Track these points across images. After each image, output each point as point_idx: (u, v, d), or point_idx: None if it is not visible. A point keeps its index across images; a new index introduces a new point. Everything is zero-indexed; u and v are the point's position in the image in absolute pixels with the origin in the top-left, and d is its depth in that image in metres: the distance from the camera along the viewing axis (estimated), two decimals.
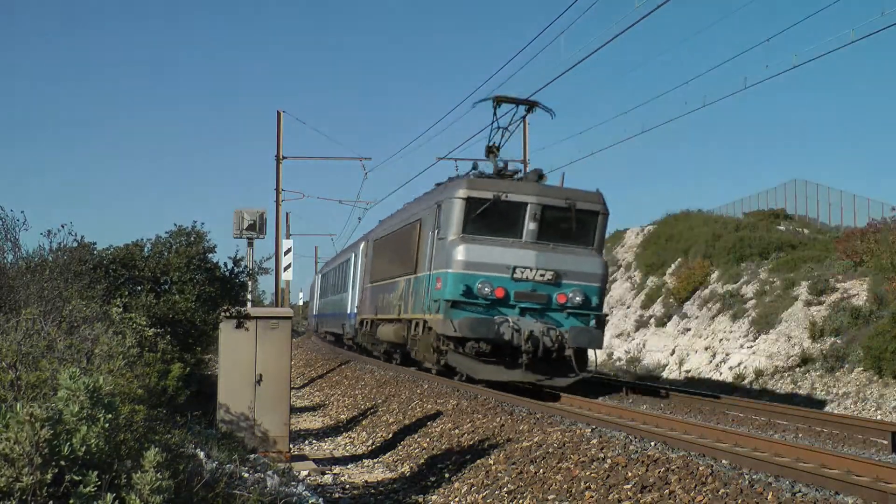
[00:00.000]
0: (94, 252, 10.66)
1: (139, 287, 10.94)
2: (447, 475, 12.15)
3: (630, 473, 9.87)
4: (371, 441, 16.54)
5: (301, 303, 73.70)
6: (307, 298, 66.25)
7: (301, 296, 74.75)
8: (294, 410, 19.97)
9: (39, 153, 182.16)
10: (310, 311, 58.29)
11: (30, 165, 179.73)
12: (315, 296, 50.69)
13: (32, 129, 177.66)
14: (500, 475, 11.25)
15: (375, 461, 14.61)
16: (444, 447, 13.83)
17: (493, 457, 12.09)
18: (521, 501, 10.30)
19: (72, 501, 4.36)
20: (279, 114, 36.56)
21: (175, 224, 11.69)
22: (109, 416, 4.76)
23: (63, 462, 4.39)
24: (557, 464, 10.92)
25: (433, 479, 12.22)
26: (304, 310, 68.76)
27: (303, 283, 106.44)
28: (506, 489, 10.73)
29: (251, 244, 37.29)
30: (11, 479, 4.23)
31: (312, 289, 54.46)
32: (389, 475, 13.31)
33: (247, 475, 7.81)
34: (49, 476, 4.30)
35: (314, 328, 51.59)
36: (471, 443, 13.36)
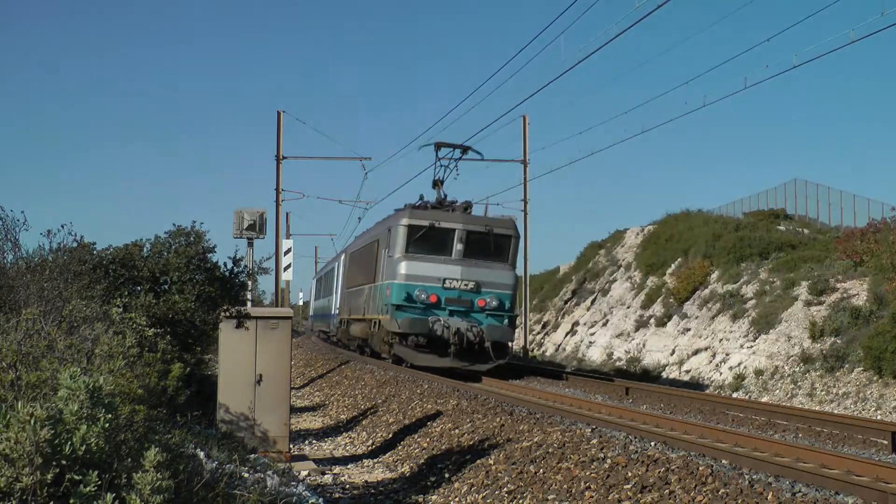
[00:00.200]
0: (94, 252, 10.66)
1: (139, 287, 10.95)
2: (447, 475, 12.15)
3: (630, 473, 9.87)
4: (371, 441, 16.54)
5: (301, 303, 73.76)
6: (307, 298, 66.48)
7: (301, 296, 74.82)
8: (294, 410, 19.97)
9: (39, 153, 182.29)
10: (309, 312, 61.56)
11: (30, 165, 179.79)
12: (311, 298, 55.79)
13: (32, 129, 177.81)
14: (500, 475, 11.25)
15: (375, 461, 14.61)
16: (444, 447, 13.84)
17: (493, 457, 12.09)
18: (521, 501, 10.30)
19: (72, 501, 4.36)
20: (279, 114, 36.60)
21: (174, 224, 11.73)
22: (109, 416, 4.76)
23: (63, 462, 4.39)
24: (557, 464, 10.92)
25: (433, 479, 12.23)
26: (304, 310, 68.87)
27: (303, 283, 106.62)
28: (506, 489, 10.73)
29: (251, 244, 37.33)
30: (12, 479, 4.23)
31: (311, 291, 59.85)
32: (389, 475, 13.31)
33: (247, 475, 7.81)
34: (49, 476, 4.30)
35: (310, 327, 56.24)
36: (471, 443, 13.36)
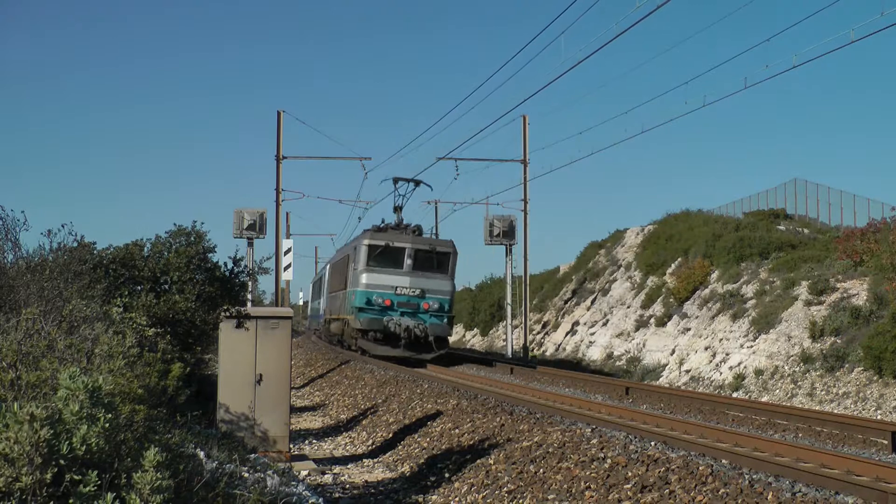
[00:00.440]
0: (94, 252, 10.65)
1: (139, 287, 10.94)
2: (447, 475, 12.14)
3: (630, 473, 9.87)
4: (371, 441, 16.54)
5: (301, 303, 73.81)
6: (307, 298, 66.71)
7: (301, 296, 74.88)
8: (294, 410, 19.97)
9: (39, 153, 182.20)
10: (308, 312, 63.76)
11: (30, 165, 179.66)
12: (310, 299, 61.15)
13: (32, 129, 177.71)
14: (500, 475, 11.25)
15: (375, 461, 14.61)
16: (444, 447, 13.83)
17: (493, 457, 12.08)
18: (521, 501, 10.30)
19: (72, 501, 4.36)
20: (279, 114, 36.59)
21: (175, 224, 11.70)
22: (109, 416, 4.76)
23: (63, 462, 4.39)
24: (557, 464, 10.91)
25: (433, 479, 12.22)
26: (304, 310, 68.98)
27: (303, 283, 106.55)
28: (506, 489, 10.72)
29: (251, 244, 37.39)
30: (11, 479, 4.23)
31: (310, 293, 64.09)
32: (389, 475, 13.31)
33: (247, 475, 7.81)
34: (49, 476, 4.30)
35: (308, 326, 60.65)
36: (471, 443, 13.36)
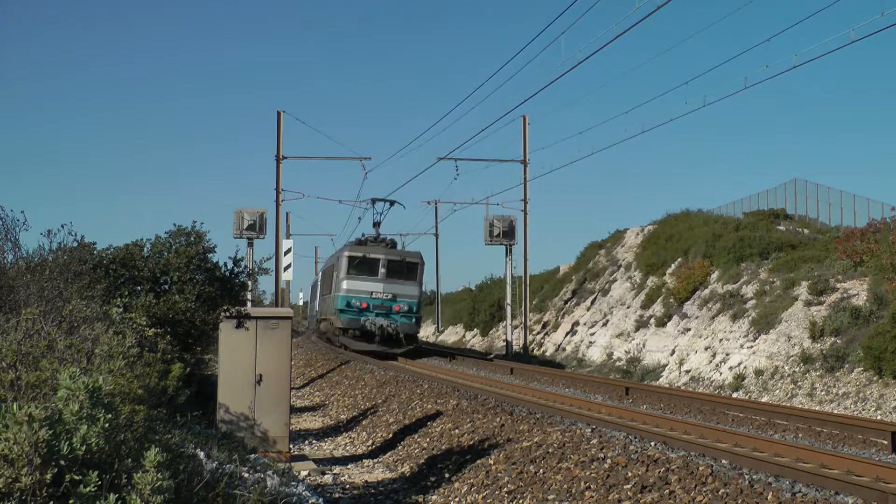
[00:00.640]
0: (94, 252, 10.65)
1: (139, 287, 10.94)
2: (447, 475, 12.14)
3: (630, 473, 9.87)
4: (371, 441, 16.54)
5: (301, 303, 73.81)
6: (307, 299, 66.81)
7: (301, 296, 74.87)
8: (294, 410, 19.96)
9: (39, 153, 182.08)
10: (308, 313, 64.85)
11: (30, 165, 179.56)
12: (309, 300, 64.40)
13: (32, 129, 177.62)
14: (500, 475, 11.25)
15: (375, 461, 14.61)
16: (444, 447, 13.83)
17: (493, 457, 12.08)
18: (521, 501, 10.30)
19: (72, 501, 4.35)
20: (279, 114, 36.59)
21: (175, 224, 11.73)
22: (109, 416, 4.76)
23: (63, 462, 4.38)
24: (557, 464, 10.91)
25: (433, 479, 12.22)
26: (304, 310, 69.01)
27: (303, 283, 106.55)
28: (506, 489, 10.72)
29: (251, 244, 37.41)
30: (10, 480, 4.23)
31: (310, 295, 66.22)
32: (389, 475, 13.31)
33: (247, 475, 7.81)
34: (48, 476, 4.30)
35: (308, 326, 62.66)
36: (471, 443, 13.36)
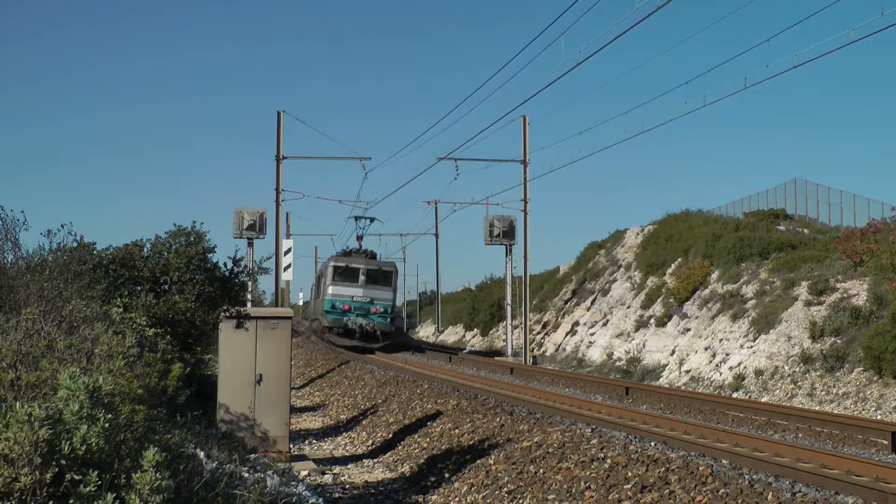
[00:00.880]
0: (94, 252, 10.65)
1: (139, 287, 10.93)
2: (447, 475, 12.14)
3: (630, 473, 9.87)
4: (371, 441, 16.54)
5: (301, 303, 73.77)
6: (307, 299, 66.80)
7: (301, 296, 74.84)
8: (294, 410, 19.96)
9: (39, 153, 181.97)
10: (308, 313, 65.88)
11: (30, 165, 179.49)
12: (309, 300, 67.69)
13: (32, 129, 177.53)
14: (500, 475, 11.25)
15: (375, 461, 14.61)
16: (444, 447, 13.83)
17: (493, 457, 12.08)
18: (521, 501, 10.30)
19: (72, 501, 4.35)
20: (279, 114, 36.55)
21: (175, 224, 11.73)
22: (109, 416, 4.76)
23: (63, 462, 4.38)
24: (557, 464, 10.91)
25: (433, 479, 12.22)
26: (304, 310, 68.99)
27: (303, 284, 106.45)
28: (506, 489, 10.72)
29: (251, 244, 37.40)
30: (10, 480, 4.23)
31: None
32: (389, 475, 13.31)
33: (247, 475, 7.81)
34: (48, 476, 4.30)
35: (307, 326, 63.95)
36: (471, 443, 13.36)
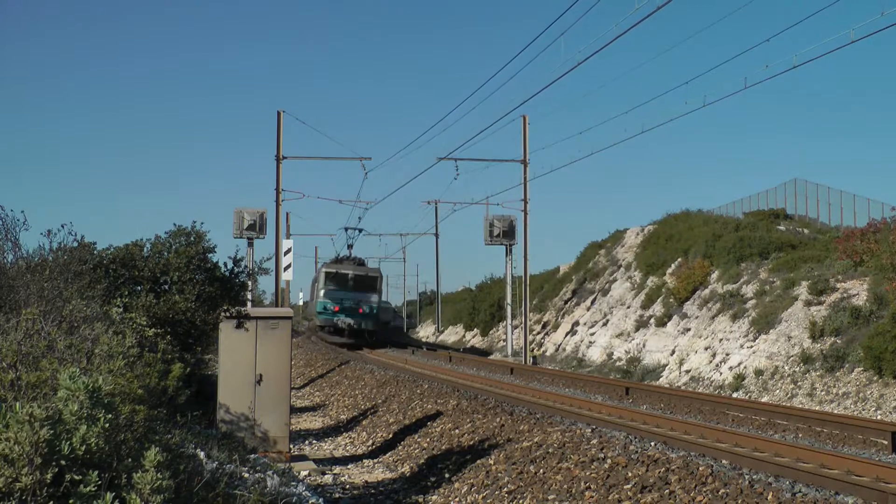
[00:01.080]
0: (94, 252, 10.65)
1: (139, 287, 10.93)
2: (447, 475, 12.14)
3: (630, 473, 9.87)
4: (371, 441, 16.54)
5: (301, 303, 73.76)
6: (307, 299, 66.78)
7: (301, 296, 74.80)
8: (294, 410, 19.96)
9: (39, 152, 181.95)
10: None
11: (30, 165, 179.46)
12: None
13: (32, 128, 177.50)
14: (500, 475, 11.25)
15: (375, 461, 14.61)
16: (444, 447, 13.84)
17: (493, 457, 12.08)
18: (522, 501, 10.30)
19: (72, 501, 4.35)
20: (279, 114, 36.56)
21: (175, 224, 11.73)
22: (109, 416, 4.76)
23: (63, 462, 4.38)
24: (557, 464, 10.92)
25: (433, 479, 12.22)
26: (304, 310, 68.99)
27: (303, 284, 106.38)
28: (506, 489, 10.72)
29: (251, 244, 37.42)
30: (11, 479, 4.23)
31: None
32: (389, 475, 13.31)
33: (247, 475, 7.81)
34: (49, 476, 4.30)
35: (307, 326, 65.10)
36: (471, 443, 13.36)
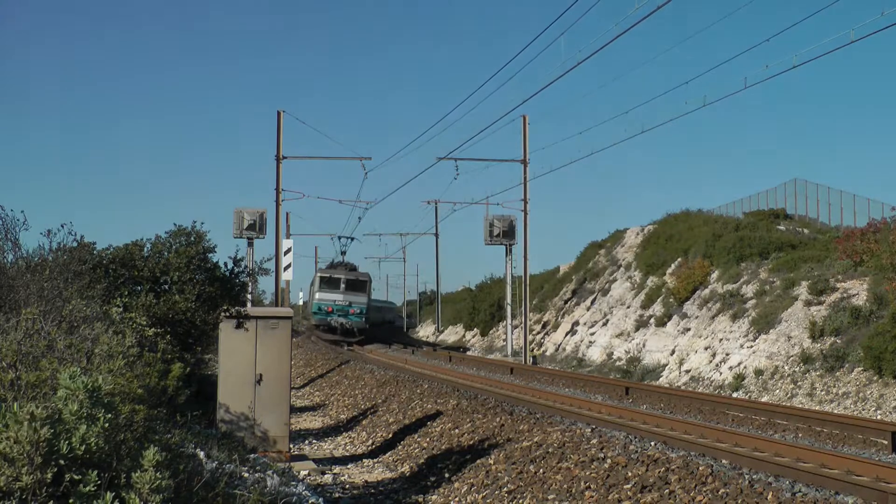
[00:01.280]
0: (94, 252, 10.64)
1: (139, 287, 10.93)
2: (447, 475, 12.14)
3: (630, 473, 9.87)
4: (371, 441, 16.54)
5: (301, 303, 73.80)
6: (307, 299, 66.84)
7: (301, 296, 74.84)
8: (294, 410, 19.96)
9: (39, 153, 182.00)
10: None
11: (30, 165, 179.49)
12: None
13: (32, 128, 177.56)
14: (500, 475, 11.25)
15: (375, 461, 14.61)
16: (444, 447, 13.84)
17: (493, 456, 12.08)
18: (521, 501, 10.30)
19: (72, 501, 4.36)
20: (279, 114, 36.57)
21: (175, 224, 11.72)
22: (109, 416, 4.76)
23: (63, 461, 4.38)
24: (557, 464, 10.92)
25: (433, 479, 12.22)
26: (304, 309, 69.03)
27: (303, 283, 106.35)
28: (506, 489, 10.72)
29: (251, 244, 37.42)
30: (11, 479, 4.23)
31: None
32: (389, 475, 13.31)
33: (247, 475, 7.82)
34: (49, 475, 4.30)
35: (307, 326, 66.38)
36: (471, 443, 13.36)
